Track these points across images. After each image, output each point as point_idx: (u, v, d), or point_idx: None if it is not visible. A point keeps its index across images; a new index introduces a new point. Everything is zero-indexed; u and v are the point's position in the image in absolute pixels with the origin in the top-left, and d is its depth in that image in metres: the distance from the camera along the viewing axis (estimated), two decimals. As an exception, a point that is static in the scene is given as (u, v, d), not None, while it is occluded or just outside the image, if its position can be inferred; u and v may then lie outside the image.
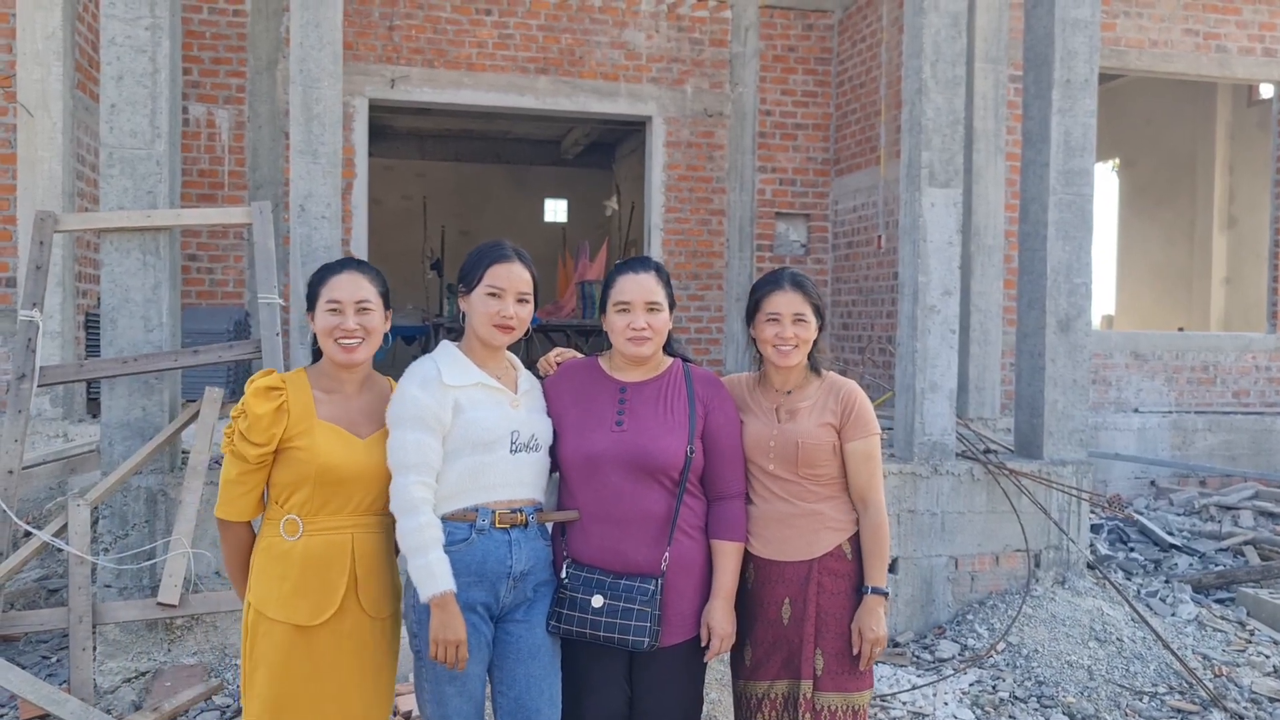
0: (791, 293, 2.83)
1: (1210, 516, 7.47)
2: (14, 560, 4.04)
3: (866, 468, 2.82)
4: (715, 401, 2.76)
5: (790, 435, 2.82)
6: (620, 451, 2.64)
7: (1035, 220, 5.66)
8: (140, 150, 4.52)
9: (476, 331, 2.62)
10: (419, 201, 15.45)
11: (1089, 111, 5.60)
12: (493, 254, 2.62)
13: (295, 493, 2.47)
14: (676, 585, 2.65)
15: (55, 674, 4.49)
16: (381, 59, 9.02)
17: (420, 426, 2.48)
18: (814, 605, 2.78)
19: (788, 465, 2.82)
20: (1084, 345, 5.62)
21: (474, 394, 2.57)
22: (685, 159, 9.78)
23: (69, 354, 6.72)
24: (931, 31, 5.34)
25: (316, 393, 2.53)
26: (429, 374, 2.55)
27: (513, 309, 2.61)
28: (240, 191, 8.64)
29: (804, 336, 2.82)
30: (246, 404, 2.45)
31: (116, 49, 4.50)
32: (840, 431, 2.83)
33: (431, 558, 2.44)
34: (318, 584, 2.46)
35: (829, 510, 2.83)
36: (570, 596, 2.62)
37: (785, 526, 2.83)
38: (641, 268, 2.72)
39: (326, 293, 2.54)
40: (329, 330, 2.52)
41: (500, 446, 2.57)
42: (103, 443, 4.60)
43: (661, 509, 2.65)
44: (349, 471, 2.47)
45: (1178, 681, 4.72)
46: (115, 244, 4.52)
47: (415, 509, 2.45)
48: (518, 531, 2.59)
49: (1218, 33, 9.13)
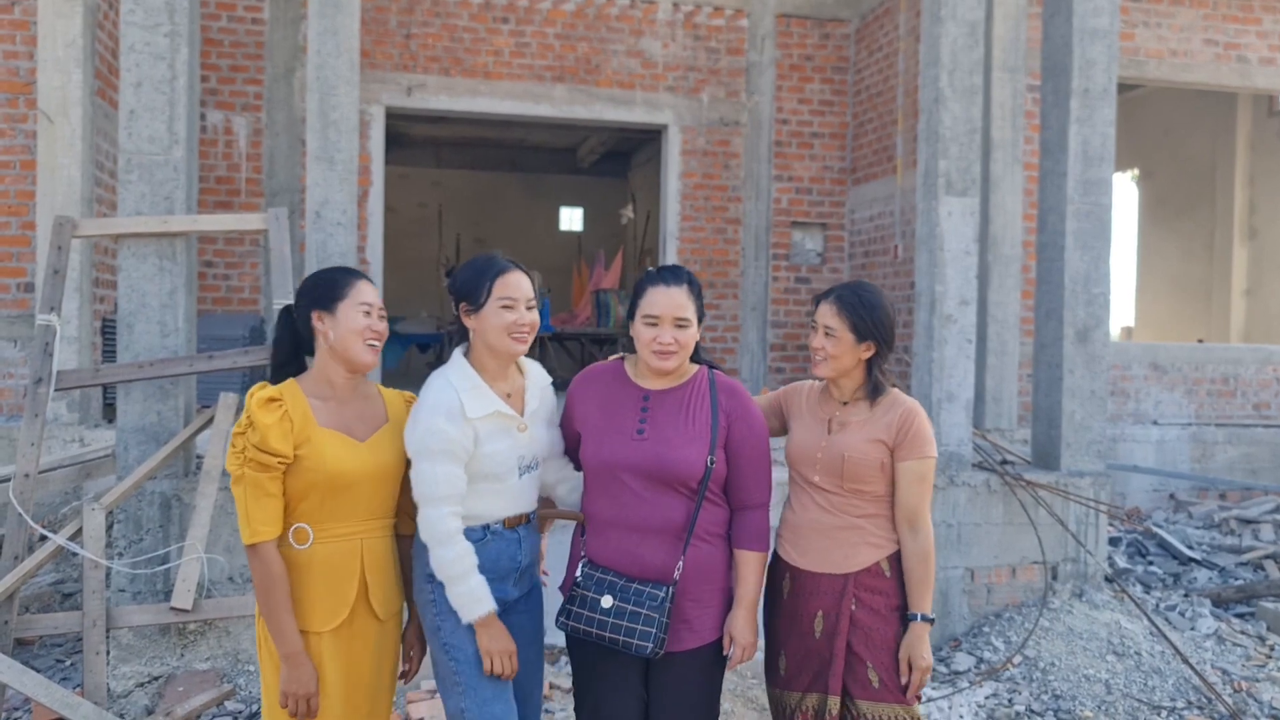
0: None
1: (1230, 530, 7.38)
2: (29, 564, 4.06)
3: (917, 489, 2.77)
4: (739, 412, 2.72)
5: (838, 448, 2.79)
6: (639, 460, 2.63)
7: (1053, 230, 5.62)
8: (158, 156, 4.54)
9: (493, 346, 2.61)
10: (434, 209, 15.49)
11: (1107, 121, 5.57)
12: (495, 267, 2.64)
13: (303, 501, 2.46)
14: (693, 592, 2.64)
15: (69, 678, 4.50)
16: (398, 67, 9.05)
17: (450, 459, 2.51)
18: (846, 620, 2.75)
19: (832, 478, 2.80)
20: (1102, 356, 5.57)
21: (490, 425, 2.58)
22: (701, 168, 9.77)
23: (86, 359, 6.75)
24: (949, 40, 5.32)
25: (312, 401, 2.52)
26: (453, 406, 2.54)
27: (526, 316, 2.62)
28: (257, 198, 8.67)
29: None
30: (253, 416, 2.41)
31: (136, 55, 4.53)
32: (894, 450, 2.77)
33: (474, 583, 2.51)
34: (329, 591, 2.46)
35: (870, 526, 2.79)
36: (582, 595, 2.64)
37: (824, 538, 2.81)
38: (674, 280, 2.68)
39: (357, 295, 2.55)
40: (361, 331, 2.53)
41: (510, 475, 2.62)
42: (118, 447, 4.62)
43: (680, 517, 2.64)
44: (355, 476, 2.49)
45: (1197, 696, 4.66)
46: (132, 249, 4.54)
47: (452, 539, 2.51)
48: (524, 528, 2.69)
49: (1238, 43, 9.06)
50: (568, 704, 4.20)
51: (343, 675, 2.51)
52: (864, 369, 2.84)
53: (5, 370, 7.00)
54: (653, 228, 12.86)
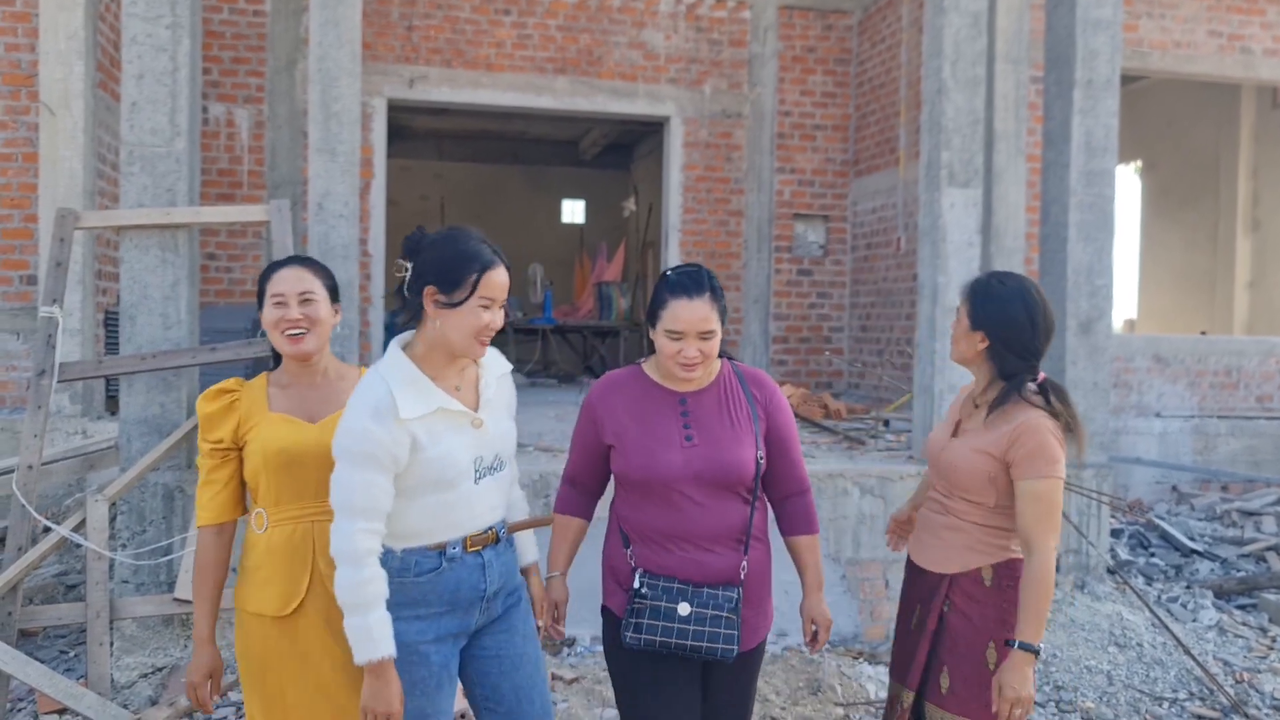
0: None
1: (1232, 522, 7.38)
2: (33, 555, 4.06)
3: (1032, 510, 2.54)
4: (772, 401, 2.64)
5: (949, 455, 2.73)
6: (696, 469, 2.51)
7: (1056, 221, 5.62)
8: (160, 148, 4.54)
9: (452, 343, 2.32)
10: (436, 202, 15.47)
11: (1111, 112, 5.56)
12: (483, 259, 2.31)
13: (258, 486, 2.50)
14: (750, 593, 2.58)
15: (73, 668, 4.52)
16: (400, 59, 9.04)
17: (371, 465, 2.21)
18: (935, 619, 2.68)
19: (943, 481, 2.76)
20: (1105, 348, 5.57)
21: (434, 425, 2.28)
22: (703, 160, 9.76)
23: (88, 351, 6.76)
24: (952, 31, 5.31)
25: (272, 390, 2.56)
26: (382, 404, 2.22)
27: (499, 319, 2.37)
28: (259, 191, 8.67)
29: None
30: (197, 407, 2.54)
31: (138, 48, 4.53)
32: (1009, 466, 2.60)
33: (372, 619, 2.18)
34: (283, 574, 2.45)
35: (977, 531, 2.68)
36: (652, 606, 2.48)
37: (930, 534, 2.78)
38: (695, 291, 2.49)
39: (271, 288, 2.54)
40: (275, 323, 2.52)
41: (464, 480, 2.33)
42: (121, 439, 4.63)
43: (738, 519, 2.55)
44: (297, 453, 2.45)
45: (1198, 688, 4.66)
46: (135, 241, 4.55)
47: (358, 561, 2.19)
48: (490, 551, 2.41)
49: (1242, 34, 9.04)
50: (569, 694, 4.21)
51: (298, 661, 2.45)
52: (990, 368, 2.71)
53: (7, 363, 7.01)
54: (655, 220, 12.86)
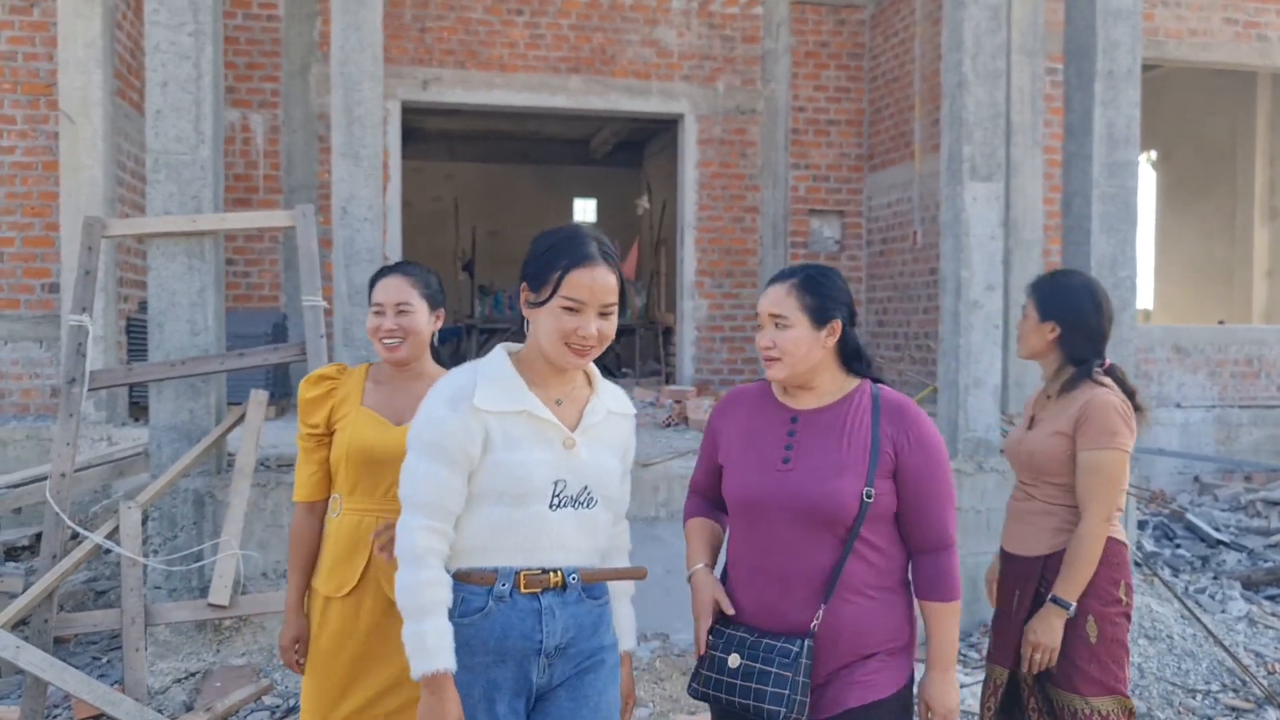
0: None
1: (1256, 512, 7.36)
2: (68, 562, 4.09)
3: (1086, 481, 2.72)
4: (911, 436, 2.25)
5: (1027, 444, 2.88)
6: (784, 495, 2.22)
7: (1078, 214, 5.60)
8: (185, 155, 4.56)
9: (543, 348, 2.04)
10: (449, 203, 15.48)
11: (1132, 103, 5.53)
12: (572, 256, 2.00)
13: (339, 473, 2.61)
14: (826, 650, 2.21)
15: (105, 674, 4.54)
16: (414, 61, 9.04)
17: (439, 456, 1.98)
18: (1030, 599, 2.81)
19: (1026, 471, 2.90)
20: (1128, 340, 5.55)
21: (514, 426, 2.01)
22: (718, 156, 9.75)
23: (111, 358, 6.79)
24: (972, 24, 5.29)
25: (369, 383, 2.68)
26: (461, 391, 2.01)
27: (594, 326, 2.01)
28: (274, 195, 8.70)
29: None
30: (299, 390, 2.66)
31: (161, 55, 4.54)
32: (1075, 440, 2.75)
33: (426, 626, 1.93)
34: (344, 560, 2.58)
35: (1064, 513, 2.81)
36: (710, 655, 2.28)
37: (1020, 522, 2.91)
38: (778, 278, 2.33)
39: (373, 296, 2.69)
40: (373, 331, 2.66)
41: (536, 500, 2.01)
42: (151, 446, 4.65)
43: (826, 563, 2.21)
44: (379, 454, 2.54)
45: (1230, 679, 4.65)
46: (161, 249, 4.57)
47: (417, 560, 1.96)
48: (551, 596, 2.04)
49: (1258, 21, 8.99)
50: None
51: (345, 639, 2.58)
52: (1059, 357, 2.85)
53: (32, 370, 7.05)
54: (668, 217, 12.84)
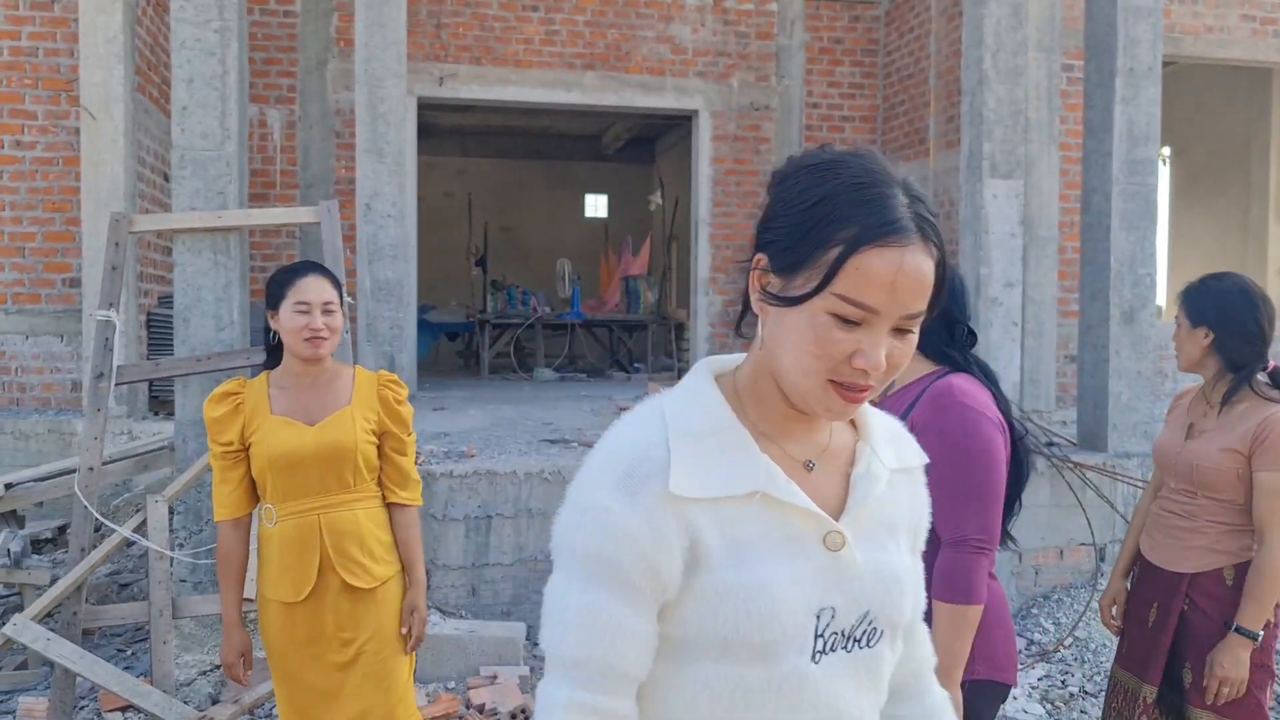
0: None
1: None
2: (96, 555, 4.13)
3: (1267, 502, 2.63)
4: (929, 425, 2.08)
5: (1189, 456, 2.77)
6: None
7: (1098, 211, 5.60)
8: (211, 151, 4.59)
9: (788, 378, 1.16)
10: (461, 198, 15.50)
11: (1152, 100, 5.53)
12: (870, 216, 1.11)
13: (265, 483, 2.65)
14: None
15: (131, 666, 4.58)
16: (430, 57, 9.06)
17: (607, 581, 1.12)
18: (1176, 618, 2.75)
19: (1184, 483, 2.79)
20: (1149, 337, 5.56)
21: (742, 522, 1.13)
22: (732, 153, 9.75)
23: (133, 353, 6.82)
24: (992, 22, 5.29)
25: (272, 391, 2.70)
26: (641, 464, 1.12)
27: (884, 350, 1.11)
28: (291, 190, 8.72)
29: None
30: (204, 410, 2.68)
31: (187, 52, 4.57)
32: (1250, 459, 2.66)
33: None
34: (294, 564, 2.62)
35: (1218, 532, 2.73)
36: None
37: (1168, 535, 2.83)
38: None
39: (294, 294, 2.65)
40: (299, 330, 2.63)
41: (789, 648, 1.13)
42: (176, 439, 4.68)
43: None
44: (298, 457, 2.60)
45: (1251, 677, 4.65)
46: (187, 244, 4.60)
47: None
48: None
49: (1275, 18, 8.96)
50: None
51: (309, 642, 2.60)
52: (1218, 362, 2.76)
53: (52, 364, 7.09)
54: (680, 213, 12.84)
